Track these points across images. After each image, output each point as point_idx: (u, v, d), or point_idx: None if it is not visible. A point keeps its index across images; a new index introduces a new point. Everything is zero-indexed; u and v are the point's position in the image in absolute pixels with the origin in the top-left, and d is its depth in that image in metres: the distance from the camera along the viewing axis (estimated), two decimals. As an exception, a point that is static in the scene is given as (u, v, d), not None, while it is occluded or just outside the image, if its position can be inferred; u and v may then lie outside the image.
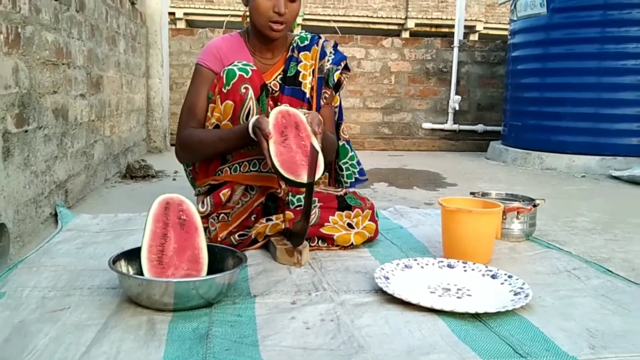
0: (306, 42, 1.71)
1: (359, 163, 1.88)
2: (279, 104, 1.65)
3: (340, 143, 1.83)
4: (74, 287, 1.26)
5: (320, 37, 1.76)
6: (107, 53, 2.77)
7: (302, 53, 1.70)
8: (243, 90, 1.52)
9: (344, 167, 1.85)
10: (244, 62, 1.57)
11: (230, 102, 1.53)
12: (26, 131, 1.67)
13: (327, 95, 1.71)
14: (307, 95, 1.67)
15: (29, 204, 1.69)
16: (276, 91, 1.69)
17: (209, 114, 1.59)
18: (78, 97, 2.25)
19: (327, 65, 1.70)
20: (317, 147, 1.38)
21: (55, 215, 1.92)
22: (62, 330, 1.03)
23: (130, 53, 3.40)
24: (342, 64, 1.73)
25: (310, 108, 1.67)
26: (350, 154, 1.86)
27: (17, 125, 1.60)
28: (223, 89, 1.53)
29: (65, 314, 1.11)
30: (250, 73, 1.54)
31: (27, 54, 1.67)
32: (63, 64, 2.04)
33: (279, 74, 1.70)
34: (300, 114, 1.48)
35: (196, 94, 1.64)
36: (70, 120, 2.15)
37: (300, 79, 1.68)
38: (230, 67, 1.55)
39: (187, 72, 4.80)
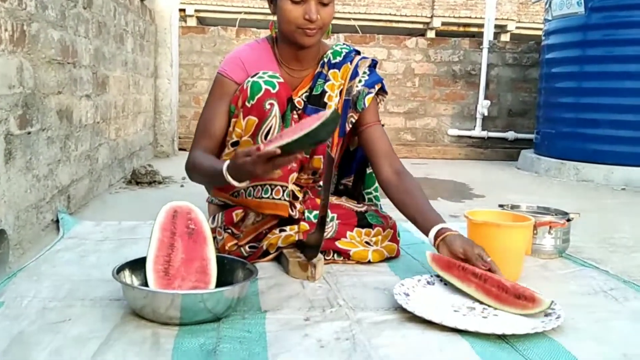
0: (338, 59, 1.65)
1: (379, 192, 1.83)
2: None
3: (368, 171, 1.80)
4: (75, 298, 1.28)
5: (358, 53, 1.69)
6: (114, 52, 2.82)
7: (331, 71, 1.63)
8: (268, 107, 1.48)
9: (366, 197, 1.81)
10: (271, 74, 1.53)
11: (253, 118, 1.50)
12: (29, 133, 1.71)
13: (353, 120, 1.64)
14: None
15: (30, 210, 1.73)
16: (299, 109, 1.64)
17: (230, 128, 1.56)
18: (83, 98, 2.30)
19: (358, 87, 1.64)
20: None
21: (57, 221, 1.95)
22: (62, 342, 1.05)
23: (138, 52, 3.46)
24: (376, 87, 1.67)
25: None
26: (375, 185, 1.80)
27: (20, 127, 1.63)
28: (247, 103, 1.50)
29: (66, 325, 1.13)
30: (277, 87, 1.50)
31: (32, 53, 1.72)
32: (69, 63, 2.09)
33: (306, 91, 1.65)
34: None
35: (213, 108, 1.59)
36: (75, 122, 2.19)
37: (325, 99, 1.62)
38: (255, 78, 1.51)
39: (197, 73, 4.86)
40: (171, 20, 4.13)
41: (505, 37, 13.43)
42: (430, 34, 13.39)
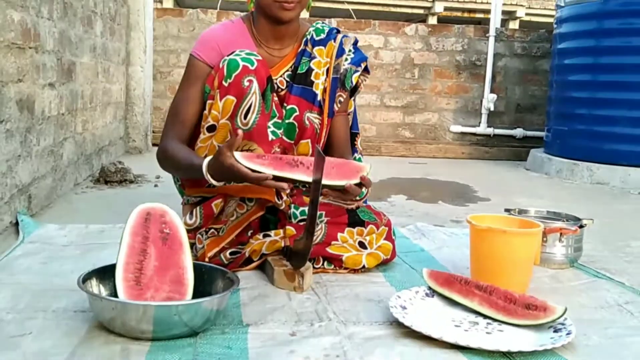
0: (322, 36, 1.72)
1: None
2: (285, 104, 1.67)
3: (357, 156, 1.84)
4: (36, 309, 1.27)
5: (338, 32, 1.77)
6: (81, 36, 2.81)
7: (316, 48, 1.70)
8: (246, 83, 1.52)
9: None
10: (248, 51, 1.58)
11: (231, 98, 1.53)
12: (-15, 125, 1.70)
13: (342, 99, 1.71)
14: (319, 98, 1.68)
15: (-14, 211, 1.72)
16: (282, 89, 1.69)
17: (206, 111, 1.59)
18: (46, 87, 2.28)
19: (345, 65, 1.71)
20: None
21: (16, 224, 1.94)
22: (21, 359, 1.04)
23: (108, 36, 3.45)
24: (362, 65, 1.75)
25: (321, 113, 1.68)
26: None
27: (-24, 119, 1.62)
28: (224, 82, 1.54)
29: (25, 340, 1.12)
30: (255, 64, 1.54)
31: (-10, 36, 1.71)
32: (30, 47, 2.07)
33: (287, 70, 1.71)
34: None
35: (185, 92, 1.64)
36: (37, 113, 2.18)
37: (312, 77, 1.68)
38: (231, 56, 1.56)
39: (173, 60, 4.85)
40: (145, 1, 4.11)
41: (513, 25, 13.50)
42: (432, 20, 13.41)
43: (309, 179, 1.38)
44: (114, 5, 3.61)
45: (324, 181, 1.36)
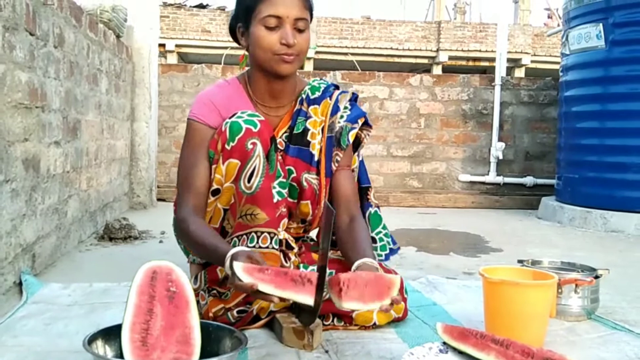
0: (317, 94, 1.74)
1: (387, 229, 1.88)
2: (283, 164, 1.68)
3: (372, 210, 1.85)
4: (40, 373, 1.27)
5: (336, 88, 1.78)
6: (86, 93, 2.88)
7: (311, 107, 1.72)
8: (250, 146, 1.54)
9: (377, 237, 1.83)
10: (250, 113, 1.59)
11: (234, 161, 1.55)
12: (-9, 185, 1.73)
13: (338, 158, 1.71)
14: (316, 158, 1.69)
15: (-10, 272, 1.73)
16: (281, 150, 1.70)
17: (210, 175, 1.60)
18: (52, 145, 2.33)
19: (340, 123, 1.72)
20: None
21: (20, 284, 1.95)
22: None
23: (113, 93, 3.52)
24: (360, 122, 1.74)
25: (318, 173, 1.70)
26: (383, 222, 1.86)
27: (-18, 179, 1.65)
28: (226, 146, 1.55)
29: (29, 405, 1.12)
30: (258, 125, 1.56)
31: (-3, 96, 1.75)
32: (37, 107, 2.13)
33: (285, 131, 1.72)
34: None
35: (191, 158, 1.63)
36: (42, 171, 2.21)
37: (308, 137, 1.70)
38: (234, 119, 1.57)
39: (178, 115, 4.94)
40: (150, 58, 4.21)
41: (519, 72, 13.76)
42: (436, 69, 13.71)
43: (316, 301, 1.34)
44: (119, 63, 3.70)
45: (359, 306, 1.34)
